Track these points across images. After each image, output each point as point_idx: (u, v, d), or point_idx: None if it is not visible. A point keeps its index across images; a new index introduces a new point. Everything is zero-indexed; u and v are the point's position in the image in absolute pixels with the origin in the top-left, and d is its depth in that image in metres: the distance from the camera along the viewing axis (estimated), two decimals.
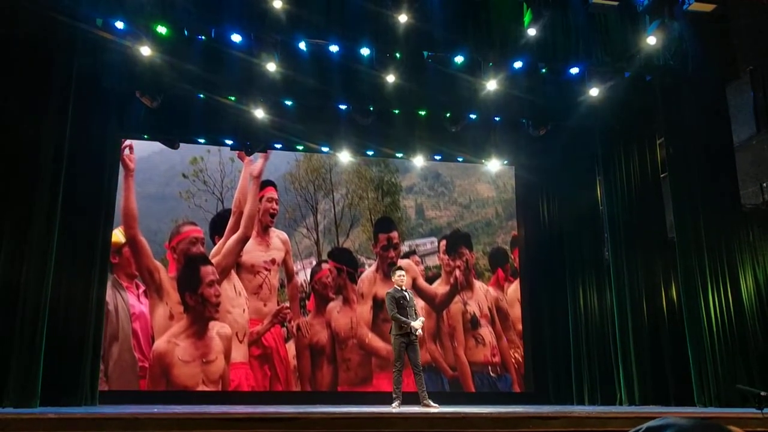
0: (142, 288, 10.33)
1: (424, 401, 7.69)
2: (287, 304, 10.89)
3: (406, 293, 8.03)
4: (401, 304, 7.91)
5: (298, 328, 10.84)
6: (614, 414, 5.93)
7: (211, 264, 10.49)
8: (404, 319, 7.86)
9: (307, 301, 11.15)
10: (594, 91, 9.28)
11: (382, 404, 8.10)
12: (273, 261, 10.97)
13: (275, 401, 9.52)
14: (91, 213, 8.77)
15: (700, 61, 8.44)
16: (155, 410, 6.02)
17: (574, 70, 9.22)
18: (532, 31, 8.16)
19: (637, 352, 9.40)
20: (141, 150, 10.50)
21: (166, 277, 10.35)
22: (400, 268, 8.34)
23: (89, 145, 8.76)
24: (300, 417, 5.11)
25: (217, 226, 10.88)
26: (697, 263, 8.81)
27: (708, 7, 8.04)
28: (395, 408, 7.37)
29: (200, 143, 10.64)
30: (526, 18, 8.18)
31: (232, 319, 10.44)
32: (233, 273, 10.69)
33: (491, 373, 11.42)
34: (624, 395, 9.43)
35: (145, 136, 10.21)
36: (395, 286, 8.10)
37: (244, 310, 10.59)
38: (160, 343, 10.04)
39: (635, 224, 9.83)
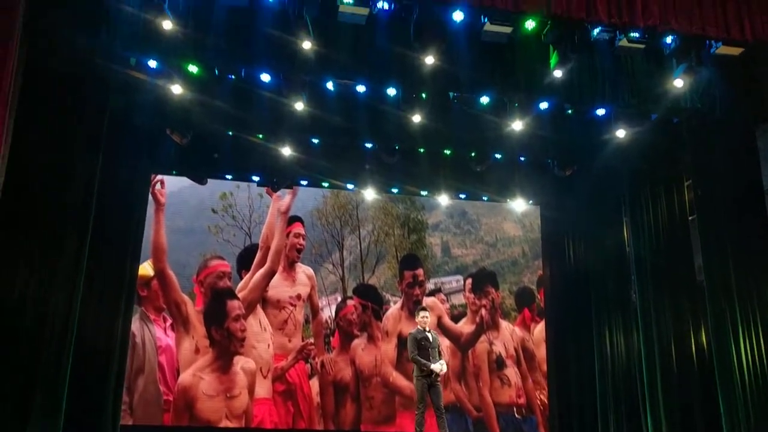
0: (169, 321, 10.34)
1: None
2: (312, 341, 10.81)
3: (428, 334, 7.91)
4: (422, 345, 7.79)
5: (322, 364, 10.74)
6: None
7: (238, 298, 10.46)
8: (424, 361, 7.74)
9: (331, 338, 11.07)
10: (620, 133, 9.16)
11: None
12: (298, 296, 10.92)
13: None
14: (120, 247, 8.88)
15: (729, 104, 8.27)
16: None
17: (601, 112, 9.12)
18: (558, 73, 8.06)
19: (666, 397, 9.11)
20: (172, 185, 10.58)
21: (193, 310, 10.35)
22: (424, 308, 8.24)
23: (119, 181, 8.87)
24: None
25: (245, 260, 10.89)
26: (728, 307, 8.52)
27: (736, 51, 7.85)
28: None
29: (228, 179, 10.72)
30: (552, 60, 8.10)
31: (257, 354, 10.38)
32: (259, 308, 10.67)
33: (516, 414, 11.24)
34: None
35: (174, 172, 10.33)
36: (418, 326, 7.99)
37: (269, 346, 10.54)
38: (185, 377, 9.99)
39: (663, 266, 9.59)
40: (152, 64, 8.06)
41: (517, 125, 9.07)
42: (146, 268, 10.22)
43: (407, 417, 10.43)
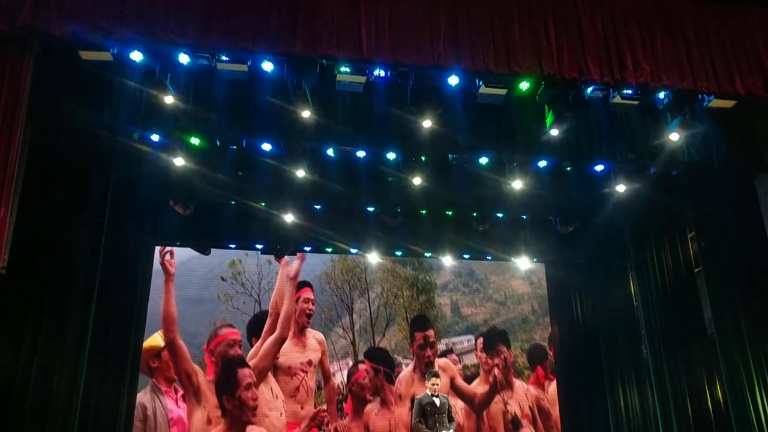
0: (181, 392, 10.06)
1: None
2: (324, 407, 10.51)
3: (436, 399, 7.67)
4: (428, 412, 7.53)
5: (336, 431, 10.38)
6: None
7: (249, 366, 10.16)
8: (424, 429, 7.45)
9: (344, 404, 10.78)
10: (620, 188, 9.00)
11: None
12: (310, 362, 10.65)
13: None
14: (124, 320, 8.71)
15: (726, 155, 8.14)
16: None
17: (599, 168, 8.99)
18: (554, 132, 7.99)
19: None
20: (181, 254, 10.44)
21: (204, 380, 10.06)
22: (435, 374, 8.02)
23: (123, 253, 8.76)
24: None
25: (255, 328, 10.68)
26: (741, 359, 8.23)
27: (728, 104, 7.75)
28: None
29: (231, 248, 10.58)
30: (548, 119, 8.03)
31: (270, 422, 10.02)
32: (270, 375, 10.37)
33: None
34: None
35: (178, 243, 10.18)
36: (426, 391, 7.72)
37: (281, 414, 10.19)
38: None
39: (673, 320, 9.36)
40: (155, 137, 8.06)
41: (517, 184, 8.95)
42: (157, 339, 10.01)
43: None
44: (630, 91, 7.54)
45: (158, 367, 10.03)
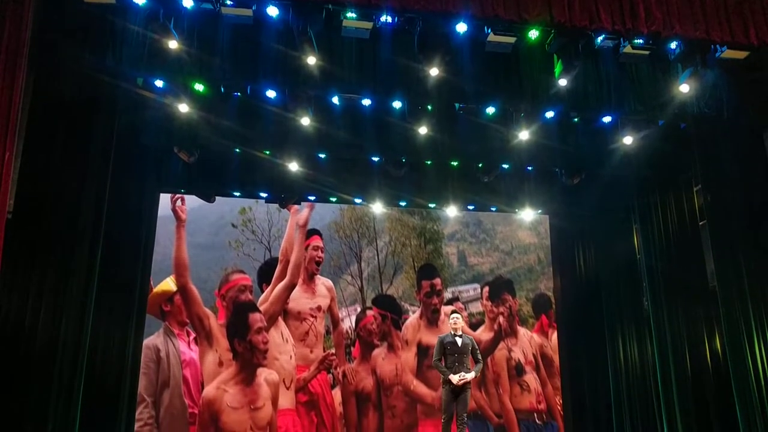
0: (193, 335, 10.06)
1: None
2: (333, 351, 10.46)
3: (458, 339, 7.39)
4: (448, 351, 7.32)
5: (344, 374, 10.40)
6: None
7: (259, 311, 10.11)
8: (443, 369, 7.33)
9: (352, 348, 10.74)
10: (628, 140, 8.69)
11: None
12: (319, 308, 10.59)
13: None
14: (130, 266, 8.64)
15: (736, 108, 7.81)
16: None
17: (607, 119, 8.69)
18: (563, 82, 7.68)
19: (682, 405, 8.66)
20: (191, 201, 10.27)
21: (216, 324, 10.02)
22: (455, 311, 7.80)
23: (128, 200, 8.65)
24: None
25: (265, 274, 10.60)
26: (741, 313, 8.06)
27: (741, 55, 7.40)
28: None
29: (236, 196, 10.40)
30: (557, 69, 7.70)
31: (279, 365, 10.02)
32: (280, 320, 10.33)
33: (537, 420, 10.87)
34: None
35: (182, 191, 10.01)
36: (450, 331, 7.50)
37: (291, 357, 10.18)
38: (209, 390, 9.64)
39: (675, 273, 9.18)
40: (159, 83, 7.84)
41: (524, 135, 8.67)
42: (169, 284, 9.97)
43: (430, 425, 10.21)
44: (641, 41, 7.21)
45: (170, 311, 10.01)
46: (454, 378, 7.21)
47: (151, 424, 9.37)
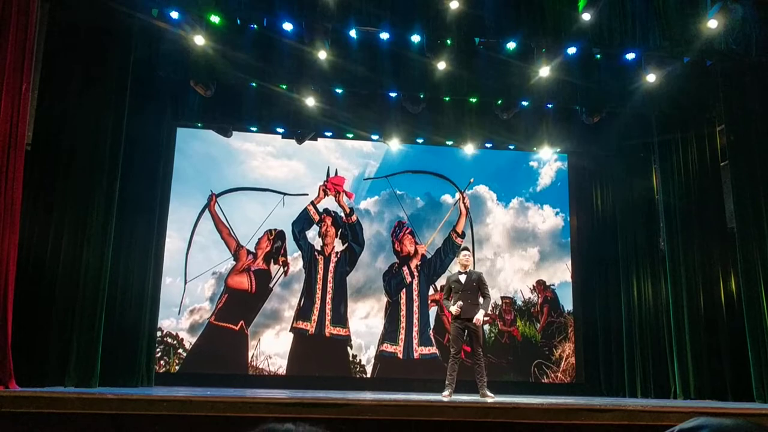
0: None
1: (482, 391, 7.30)
2: None
3: (462, 276, 7.56)
4: (453, 288, 7.61)
5: None
6: (669, 408, 5.61)
7: None
8: (447, 303, 7.62)
9: None
10: (651, 77, 8.80)
11: (433, 392, 7.95)
12: None
13: (325, 387, 9.44)
14: (148, 195, 8.85)
15: (764, 46, 7.86)
16: (208, 393, 6.02)
17: (630, 56, 8.75)
18: (586, 16, 7.78)
19: (693, 344, 8.97)
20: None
21: None
22: (465, 248, 7.98)
23: (146, 133, 8.79)
24: (350, 403, 5.00)
25: None
26: (759, 254, 8.26)
27: None
28: (445, 397, 7.09)
29: (252, 131, 10.60)
30: (581, 2, 7.83)
31: None
32: None
33: None
34: (679, 389, 9.03)
35: (199, 125, 10.23)
36: (459, 268, 7.77)
37: None
38: None
39: (693, 213, 9.37)
40: (174, 14, 7.90)
41: (545, 71, 8.77)
42: None
43: None
44: None
45: None
46: (452, 308, 7.41)
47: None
